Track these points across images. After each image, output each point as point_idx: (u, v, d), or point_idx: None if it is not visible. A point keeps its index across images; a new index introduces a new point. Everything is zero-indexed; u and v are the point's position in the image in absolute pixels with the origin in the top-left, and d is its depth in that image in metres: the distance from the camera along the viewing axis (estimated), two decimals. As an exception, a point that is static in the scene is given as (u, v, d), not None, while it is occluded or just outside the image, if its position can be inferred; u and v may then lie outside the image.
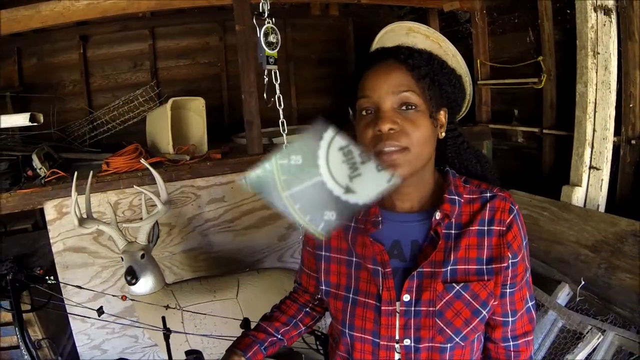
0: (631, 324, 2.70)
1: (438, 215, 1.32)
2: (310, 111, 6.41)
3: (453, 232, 1.33)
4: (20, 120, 3.02)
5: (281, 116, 3.18)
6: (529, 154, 4.26)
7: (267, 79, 3.13)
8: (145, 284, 2.80)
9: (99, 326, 3.65)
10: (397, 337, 1.32)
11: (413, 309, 1.30)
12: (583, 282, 2.95)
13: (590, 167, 3.37)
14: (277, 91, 3.14)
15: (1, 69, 5.22)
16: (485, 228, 1.32)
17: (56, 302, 3.35)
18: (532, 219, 3.45)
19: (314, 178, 1.19)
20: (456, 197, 1.35)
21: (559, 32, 3.75)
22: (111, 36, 5.65)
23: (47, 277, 3.57)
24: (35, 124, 2.90)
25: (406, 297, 1.30)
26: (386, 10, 6.18)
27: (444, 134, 1.37)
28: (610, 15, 3.16)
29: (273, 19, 3.09)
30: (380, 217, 1.39)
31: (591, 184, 3.38)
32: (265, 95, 3.12)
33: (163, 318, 1.96)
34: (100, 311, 1.39)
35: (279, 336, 1.65)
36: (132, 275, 2.71)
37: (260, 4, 3.02)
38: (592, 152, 3.35)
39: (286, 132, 3.24)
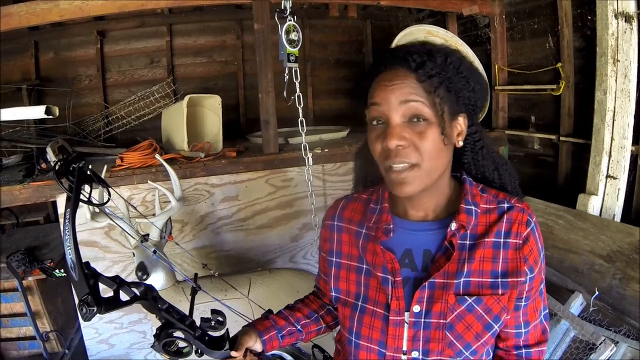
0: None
1: (454, 225, 1.29)
2: (327, 112, 6.44)
3: (468, 242, 1.30)
4: (36, 112, 3.02)
5: (300, 115, 3.18)
6: (545, 161, 4.22)
7: (287, 77, 3.13)
8: (157, 281, 2.80)
9: (107, 320, 3.66)
10: (404, 349, 1.29)
11: (423, 320, 1.27)
12: (597, 292, 2.92)
13: (607, 176, 3.33)
14: (297, 90, 3.13)
15: (18, 62, 5.27)
16: (502, 240, 1.29)
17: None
18: (547, 227, 3.42)
19: None
20: (473, 207, 1.32)
21: (578, 39, 3.71)
22: (128, 32, 5.69)
23: (57, 270, 3.59)
24: (50, 117, 2.90)
25: (416, 308, 1.28)
26: (405, 13, 6.16)
27: (461, 143, 1.33)
28: (631, 22, 3.12)
29: (295, 17, 3.09)
30: (392, 224, 1.38)
31: (608, 193, 3.34)
32: (285, 93, 3.12)
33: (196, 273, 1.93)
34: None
35: (299, 327, 1.63)
36: (143, 271, 2.70)
37: (283, 2, 3.03)
38: (609, 160, 3.31)
39: (305, 131, 3.23)
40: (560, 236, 3.34)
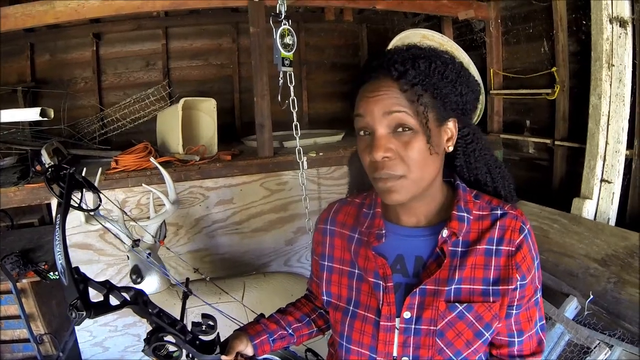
0: (639, 339, 2.66)
1: (445, 232, 1.28)
2: (322, 116, 6.44)
3: (460, 249, 1.29)
4: (31, 114, 3.02)
5: (294, 119, 3.18)
6: (540, 165, 4.23)
7: (282, 81, 3.13)
8: (151, 284, 2.79)
9: (101, 323, 3.64)
10: (395, 354, 1.28)
11: (413, 326, 1.27)
12: (592, 296, 2.92)
13: (602, 180, 3.33)
14: (292, 93, 3.13)
15: (14, 63, 5.25)
16: (494, 247, 1.27)
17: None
18: (542, 231, 3.42)
19: None
20: (465, 214, 1.31)
21: (573, 43, 3.72)
22: (124, 35, 5.68)
23: (51, 272, 3.58)
24: (45, 119, 2.89)
25: (407, 314, 1.27)
26: (401, 17, 6.16)
27: (451, 148, 1.31)
28: (625, 27, 3.13)
29: (290, 21, 3.09)
30: (384, 229, 1.37)
31: (602, 197, 3.35)
32: (279, 97, 3.12)
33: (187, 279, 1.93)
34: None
35: (290, 331, 1.62)
36: (137, 274, 2.69)
37: (278, 5, 3.03)
38: (604, 165, 3.32)
39: (299, 135, 3.23)
40: (555, 240, 3.34)
